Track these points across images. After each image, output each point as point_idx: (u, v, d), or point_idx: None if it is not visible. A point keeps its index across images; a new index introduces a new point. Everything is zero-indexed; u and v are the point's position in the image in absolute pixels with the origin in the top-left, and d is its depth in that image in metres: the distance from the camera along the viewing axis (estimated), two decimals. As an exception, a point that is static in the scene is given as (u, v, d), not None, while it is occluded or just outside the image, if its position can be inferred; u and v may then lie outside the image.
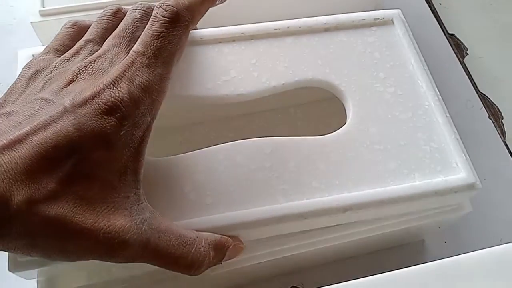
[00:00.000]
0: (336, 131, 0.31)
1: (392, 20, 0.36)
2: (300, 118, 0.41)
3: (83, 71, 0.24)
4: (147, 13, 0.27)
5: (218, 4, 0.28)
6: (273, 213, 0.27)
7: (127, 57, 0.24)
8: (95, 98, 0.22)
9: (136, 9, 0.27)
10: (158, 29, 0.24)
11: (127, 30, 0.26)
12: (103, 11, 0.28)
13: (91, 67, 0.24)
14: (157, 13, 0.25)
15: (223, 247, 0.26)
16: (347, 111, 0.32)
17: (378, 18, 0.35)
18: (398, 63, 0.34)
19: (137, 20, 0.26)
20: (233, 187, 0.28)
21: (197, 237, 0.25)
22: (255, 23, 0.34)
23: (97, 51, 0.25)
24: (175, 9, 0.25)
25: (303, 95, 0.35)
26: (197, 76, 0.32)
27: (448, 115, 0.32)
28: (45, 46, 0.28)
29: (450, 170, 0.30)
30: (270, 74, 0.32)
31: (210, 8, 0.29)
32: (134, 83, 0.23)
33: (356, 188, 0.28)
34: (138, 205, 0.23)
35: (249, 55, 0.33)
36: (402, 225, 0.31)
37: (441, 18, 0.52)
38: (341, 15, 0.35)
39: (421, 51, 0.35)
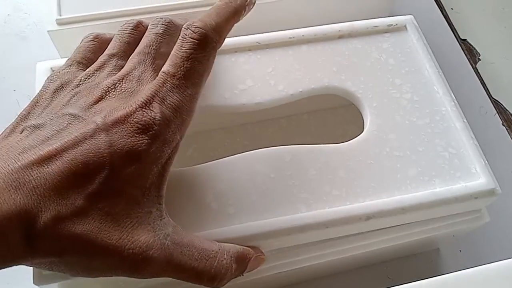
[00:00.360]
0: (355, 139, 0.30)
1: (405, 26, 0.36)
2: (314, 125, 0.41)
3: (112, 89, 0.24)
4: (169, 28, 0.27)
5: (241, 19, 0.29)
6: (295, 222, 0.27)
7: (158, 78, 0.24)
8: (129, 118, 0.22)
9: (158, 23, 0.27)
10: (187, 50, 0.24)
11: (151, 47, 0.26)
12: (124, 25, 0.28)
13: (120, 85, 0.24)
14: (186, 35, 0.25)
15: (245, 259, 0.26)
16: (364, 118, 0.32)
17: (392, 25, 0.35)
18: (413, 69, 0.34)
19: (160, 35, 0.26)
20: (254, 196, 0.28)
21: (219, 249, 0.25)
22: (270, 32, 0.34)
23: (121, 66, 0.25)
24: (204, 31, 0.25)
25: (317, 102, 0.35)
26: (214, 85, 0.32)
27: (465, 120, 0.32)
28: (65, 58, 0.28)
29: (470, 176, 0.30)
30: (287, 82, 0.32)
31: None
32: (165, 103, 0.23)
33: (377, 196, 0.28)
34: (160, 220, 0.23)
35: (265, 64, 0.33)
36: (420, 235, 0.31)
37: (453, 23, 0.53)
38: (355, 22, 0.35)
39: (434, 55, 0.35)
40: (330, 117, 0.42)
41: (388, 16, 0.36)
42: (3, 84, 0.45)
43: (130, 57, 0.26)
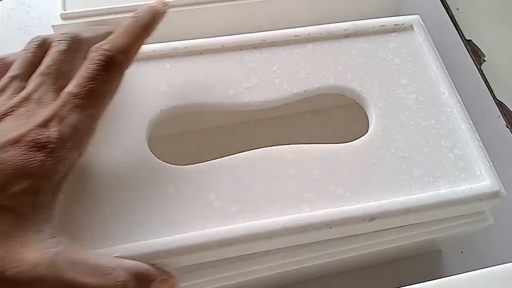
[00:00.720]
0: (360, 138, 0.30)
1: (412, 26, 0.35)
2: (318, 124, 0.41)
3: (10, 112, 0.23)
4: (72, 44, 0.27)
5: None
6: (299, 222, 0.27)
7: (60, 97, 0.24)
8: (24, 137, 0.22)
9: (62, 40, 0.26)
10: (93, 72, 0.25)
11: (52, 66, 0.25)
12: (28, 43, 0.27)
13: (18, 109, 0.24)
14: (93, 57, 0.25)
15: (147, 279, 0.24)
16: (369, 118, 0.32)
17: (398, 24, 0.35)
18: (419, 69, 0.33)
19: (62, 53, 0.26)
20: (258, 195, 0.27)
21: (117, 266, 0.23)
22: (276, 30, 0.34)
23: (22, 88, 0.25)
24: (111, 53, 0.25)
25: (320, 101, 0.35)
26: (219, 83, 0.31)
27: (470, 122, 0.31)
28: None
29: (475, 177, 0.29)
30: (292, 80, 0.32)
31: (232, 15, 0.29)
32: (64, 122, 0.23)
33: (381, 197, 0.28)
34: (51, 238, 0.23)
35: (270, 62, 0.33)
36: (423, 237, 0.31)
37: (459, 24, 0.52)
38: (361, 21, 0.35)
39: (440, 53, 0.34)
40: (334, 116, 0.41)
41: (394, 16, 0.36)
42: None
43: (31, 78, 0.25)
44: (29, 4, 0.49)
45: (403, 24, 0.35)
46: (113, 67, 0.25)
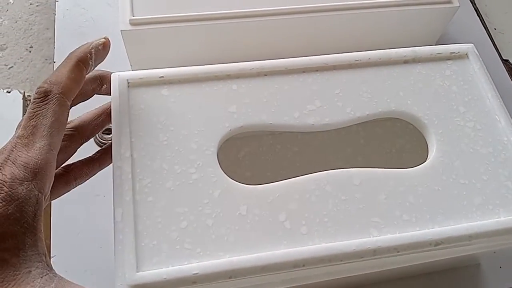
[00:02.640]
0: (422, 164, 0.31)
1: (467, 54, 0.36)
2: (363, 136, 0.42)
3: None
4: (39, 95, 0.27)
5: (91, 71, 0.29)
6: (368, 246, 0.27)
7: (10, 143, 0.26)
8: None
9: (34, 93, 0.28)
10: (31, 110, 0.26)
11: (23, 117, 0.27)
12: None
13: None
14: (33, 98, 0.27)
15: None
16: (429, 144, 0.33)
17: (454, 52, 0.36)
18: (475, 98, 0.34)
19: (30, 105, 0.27)
20: (326, 217, 0.28)
21: None
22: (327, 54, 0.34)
23: None
24: (43, 88, 0.27)
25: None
26: (284, 104, 0.32)
27: (526, 151, 0.32)
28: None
29: (533, 206, 0.30)
30: (354, 104, 0.33)
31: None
32: (16, 163, 0.24)
33: (445, 223, 0.29)
34: (41, 277, 0.23)
35: (333, 85, 0.33)
36: (465, 252, 0.31)
37: (496, 43, 0.53)
38: (419, 48, 0.36)
39: None
40: (379, 128, 0.42)
41: (440, 37, 0.37)
42: None
43: None
44: (83, 6, 0.49)
45: (458, 52, 0.36)
46: (47, 99, 0.26)
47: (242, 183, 0.29)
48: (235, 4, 0.37)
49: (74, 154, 0.32)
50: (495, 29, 0.56)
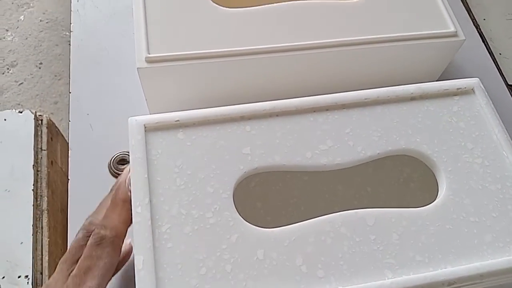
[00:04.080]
0: (433, 203, 0.32)
1: (473, 89, 0.37)
2: (372, 166, 0.43)
3: None
4: (88, 231, 0.31)
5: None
6: None
7: (62, 280, 0.29)
8: None
9: (80, 230, 0.32)
10: (88, 253, 0.30)
11: (70, 253, 0.31)
12: (79, 230, 0.32)
13: None
14: (90, 241, 0.30)
15: None
16: (439, 182, 0.33)
17: (460, 88, 0.37)
18: (483, 134, 0.35)
19: (80, 240, 0.31)
20: (342, 260, 0.29)
21: None
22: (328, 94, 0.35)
23: None
24: (99, 233, 0.30)
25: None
26: (296, 144, 0.33)
27: (534, 186, 0.33)
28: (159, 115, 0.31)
29: (542, 243, 0.31)
30: (365, 143, 0.34)
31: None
32: None
33: (458, 262, 0.29)
34: None
35: (343, 124, 0.34)
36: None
37: (502, 69, 0.54)
38: (426, 85, 0.37)
39: None
40: (387, 159, 0.43)
41: (445, 69, 0.38)
42: (78, 107, 0.46)
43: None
44: (98, 36, 0.50)
45: (465, 88, 0.37)
46: (105, 244, 0.30)
47: (260, 226, 0.30)
48: (247, 41, 0.38)
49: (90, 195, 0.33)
50: (500, 54, 0.57)
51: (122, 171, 0.43)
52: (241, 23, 0.39)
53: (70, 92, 0.47)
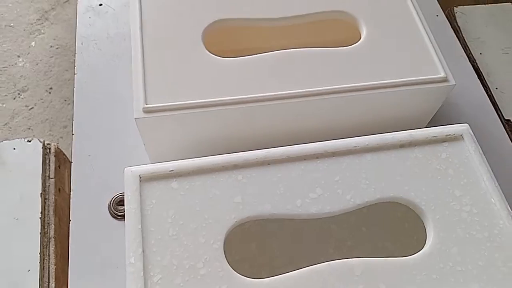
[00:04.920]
0: (421, 251, 0.32)
1: (462, 135, 0.38)
2: (367, 206, 0.43)
3: None
4: None
5: None
6: None
7: None
8: None
9: None
10: None
11: None
12: None
13: None
14: None
15: None
16: (427, 229, 0.34)
17: (449, 134, 0.38)
18: (471, 181, 0.36)
19: None
20: (329, 310, 0.30)
21: None
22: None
23: None
24: None
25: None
26: (287, 193, 0.34)
27: (522, 234, 0.33)
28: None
29: (529, 292, 0.31)
30: (354, 191, 0.34)
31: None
32: None
33: (444, 313, 0.30)
34: None
35: (333, 172, 0.35)
36: None
37: (498, 103, 0.55)
38: (415, 132, 0.38)
39: (476, 137, 0.37)
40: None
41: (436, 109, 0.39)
42: (81, 148, 0.48)
43: None
44: (101, 79, 0.52)
45: (454, 134, 0.38)
46: None
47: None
48: (242, 90, 0.39)
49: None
50: (496, 88, 0.58)
51: (121, 212, 0.45)
52: (236, 72, 0.40)
53: (73, 134, 0.48)
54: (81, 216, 0.44)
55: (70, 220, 0.44)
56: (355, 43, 0.43)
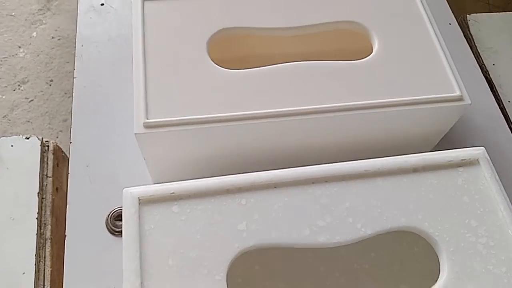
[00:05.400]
0: (435, 286, 0.31)
1: (478, 160, 0.36)
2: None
3: None
4: None
5: None
6: None
7: None
8: None
9: None
10: None
11: None
12: None
13: None
14: None
15: None
16: (441, 262, 0.32)
17: (464, 159, 0.36)
18: (488, 210, 0.34)
19: None
20: None
21: None
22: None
23: None
24: None
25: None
26: (294, 220, 0.32)
27: (540, 268, 0.32)
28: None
29: (548, 333, 0.30)
30: (365, 220, 0.33)
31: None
32: None
33: None
34: None
35: (342, 198, 0.33)
36: None
37: (510, 117, 0.53)
38: (429, 155, 0.36)
39: (487, 150, 0.36)
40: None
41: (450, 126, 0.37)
42: (78, 158, 0.46)
43: None
44: (100, 83, 0.50)
45: (470, 158, 0.36)
46: None
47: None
48: (247, 105, 0.37)
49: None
50: (509, 101, 0.56)
51: (119, 227, 0.43)
52: (242, 86, 0.38)
53: (71, 142, 0.46)
54: (77, 232, 0.42)
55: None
56: (366, 56, 0.41)
